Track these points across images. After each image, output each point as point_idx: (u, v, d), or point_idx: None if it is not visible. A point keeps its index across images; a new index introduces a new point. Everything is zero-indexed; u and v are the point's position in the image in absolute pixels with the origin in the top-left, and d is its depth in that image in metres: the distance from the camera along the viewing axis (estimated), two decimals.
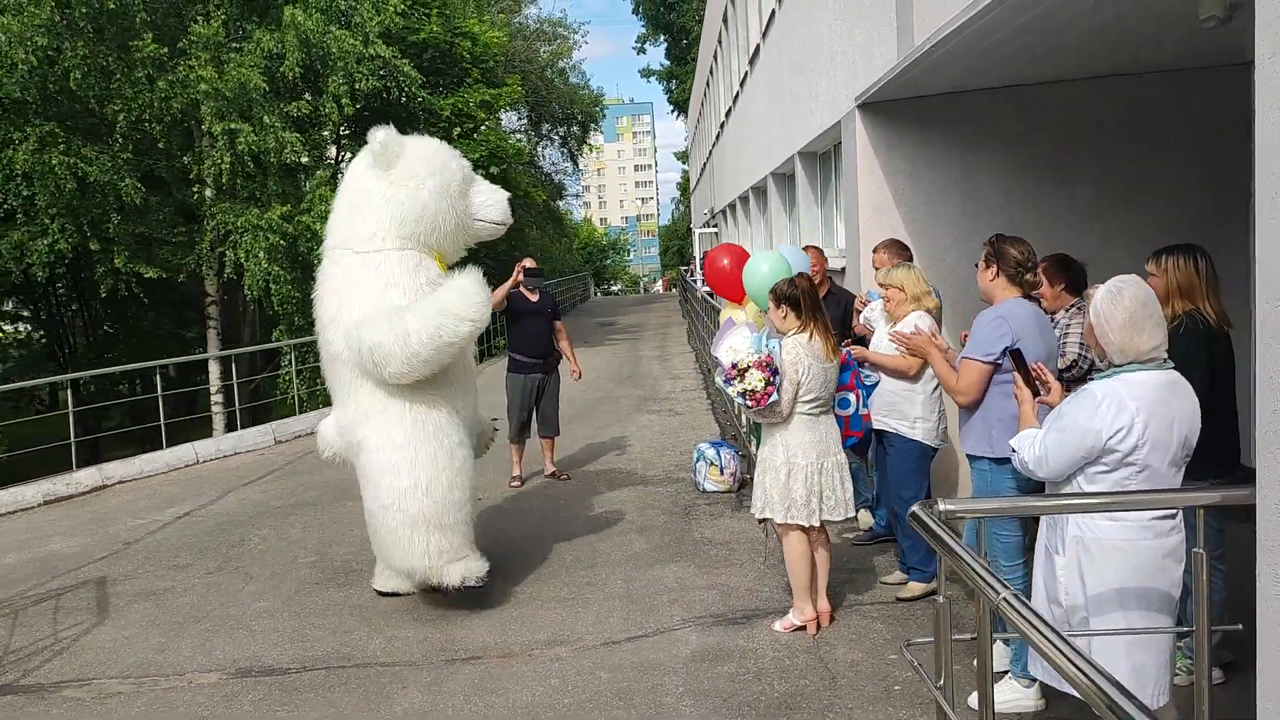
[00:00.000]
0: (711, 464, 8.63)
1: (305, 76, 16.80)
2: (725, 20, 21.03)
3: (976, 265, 4.61)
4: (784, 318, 5.33)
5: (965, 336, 5.93)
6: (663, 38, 58.16)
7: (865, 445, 5.91)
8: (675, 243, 79.54)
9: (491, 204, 6.49)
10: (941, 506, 2.86)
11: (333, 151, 20.35)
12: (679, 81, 57.54)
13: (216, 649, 5.75)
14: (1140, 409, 3.28)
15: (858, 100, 7.69)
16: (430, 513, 5.79)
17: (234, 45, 16.53)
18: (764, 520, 6.14)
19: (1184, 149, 6.99)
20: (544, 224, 35.22)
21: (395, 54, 17.42)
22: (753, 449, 6.02)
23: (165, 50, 15.62)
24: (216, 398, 17.16)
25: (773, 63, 13.61)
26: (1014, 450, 3.65)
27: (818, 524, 5.32)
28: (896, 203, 7.72)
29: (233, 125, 15.69)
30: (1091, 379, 3.49)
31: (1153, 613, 3.35)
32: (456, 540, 5.90)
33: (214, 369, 17.51)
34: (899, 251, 6.39)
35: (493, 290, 6.42)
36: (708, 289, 22.72)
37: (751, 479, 5.99)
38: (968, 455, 4.54)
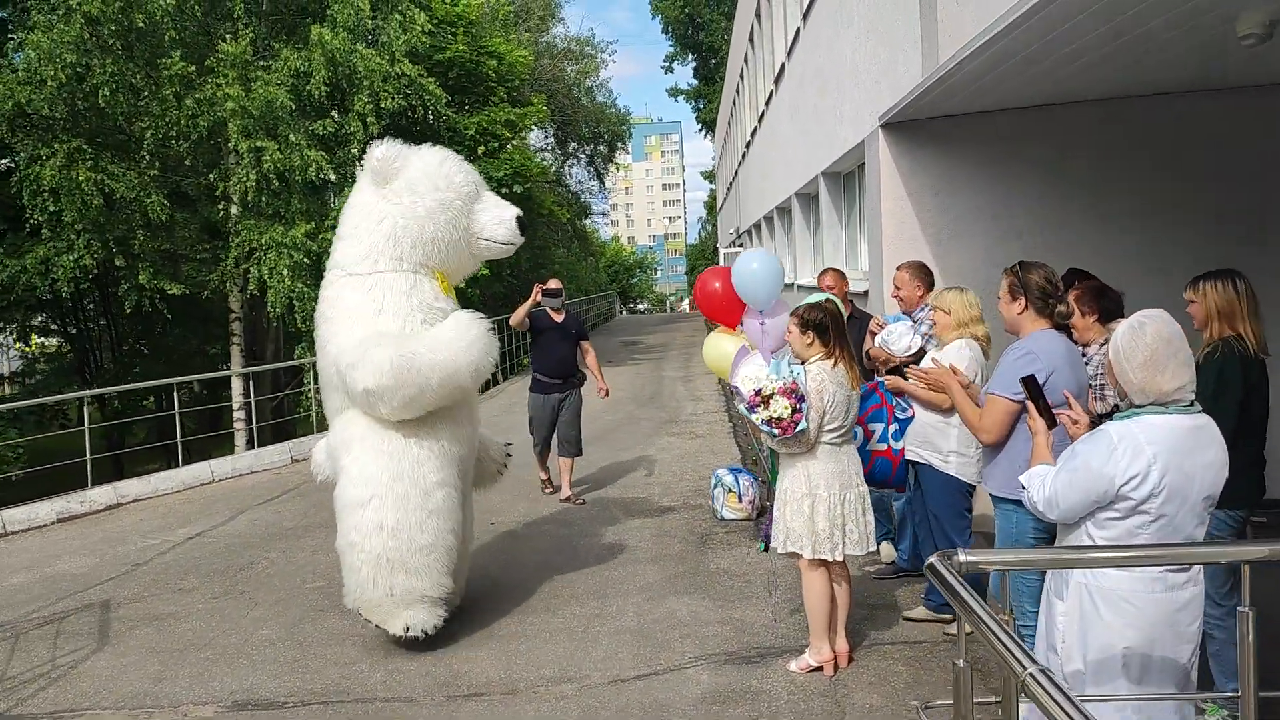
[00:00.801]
0: (730, 491, 8.42)
1: (331, 95, 16.80)
2: (751, 40, 20.90)
3: (999, 296, 4.38)
4: (809, 344, 5.12)
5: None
6: (691, 57, 58.20)
7: (900, 481, 5.63)
8: (702, 262, 79.32)
9: (497, 222, 6.08)
10: (961, 558, 2.64)
11: (358, 169, 20.36)
12: (707, 101, 57.54)
13: (214, 679, 5.59)
14: (1158, 455, 3.03)
15: (881, 119, 7.49)
16: (395, 555, 5.57)
17: (261, 64, 16.56)
18: (766, 549, 5.97)
19: (1221, 172, 6.73)
20: (569, 242, 35.25)
21: (421, 72, 17.39)
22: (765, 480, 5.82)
23: (193, 68, 15.69)
24: (239, 414, 17.12)
25: (797, 82, 13.44)
26: (1023, 488, 3.41)
27: (840, 558, 5.10)
28: (921, 224, 7.51)
29: (259, 143, 15.69)
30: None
31: (1160, 674, 3.08)
32: (421, 584, 5.63)
33: (236, 385, 17.48)
34: (920, 273, 6.18)
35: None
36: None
37: (770, 507, 5.78)
38: (991, 495, 4.30)
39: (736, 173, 29.22)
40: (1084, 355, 4.70)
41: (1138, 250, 6.80)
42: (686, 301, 75.67)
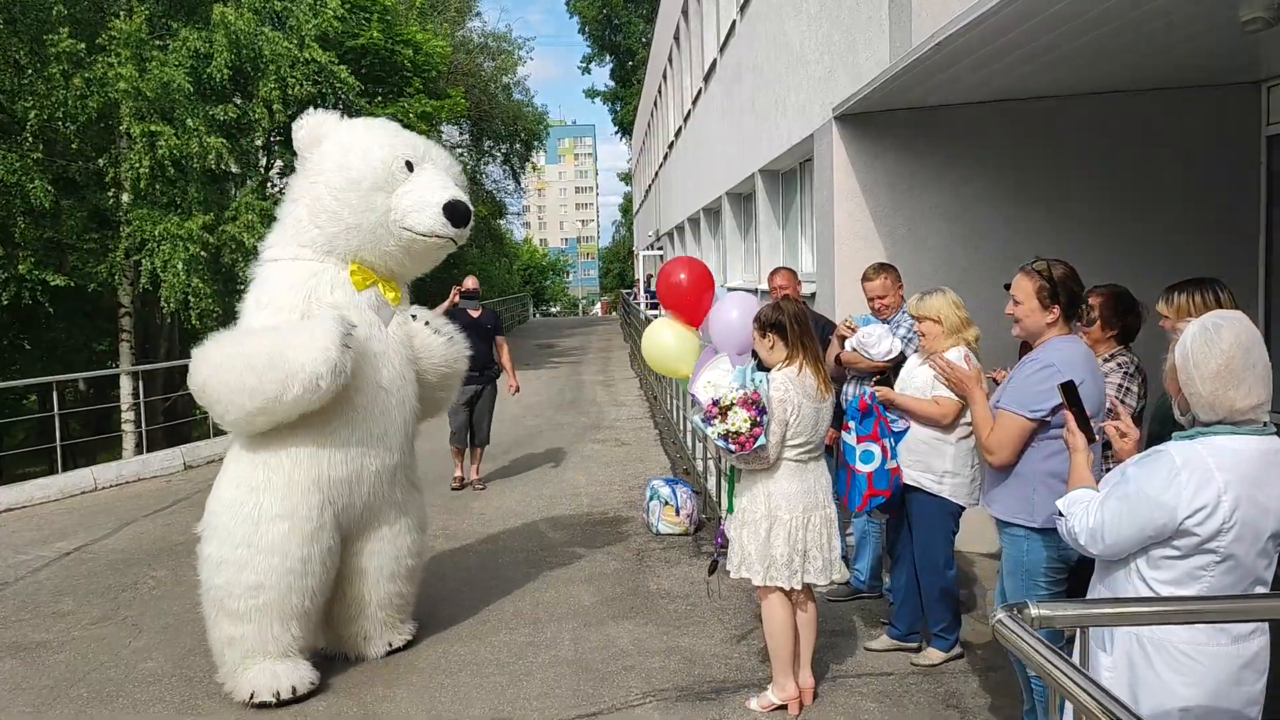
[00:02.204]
0: (666, 503, 7.87)
1: (234, 79, 15.81)
2: (677, 38, 20.49)
3: (1014, 300, 3.82)
4: (771, 348, 4.61)
5: (1001, 375, 5.22)
6: (609, 59, 57.94)
7: (895, 504, 5.05)
8: (616, 265, 79.01)
9: (418, 208, 5.03)
10: (1034, 611, 2.14)
11: (262, 160, 19.30)
12: (624, 103, 57.30)
13: None
14: (1229, 484, 2.57)
15: (836, 111, 7.06)
16: (218, 595, 4.92)
17: (158, 43, 15.45)
18: (714, 572, 5.44)
19: (1194, 173, 6.44)
20: (484, 242, 34.37)
21: (332, 59, 16.45)
22: (720, 498, 5.27)
23: (83, 46, 14.51)
24: (128, 415, 15.98)
25: (731, 77, 13.01)
26: (1060, 515, 2.92)
27: (799, 586, 4.60)
28: (875, 223, 7.09)
29: (153, 127, 14.60)
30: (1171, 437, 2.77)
31: None
32: (247, 632, 4.87)
33: (125, 384, 16.29)
34: (897, 276, 5.73)
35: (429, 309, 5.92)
36: (655, 309, 21.99)
37: (709, 520, 5.24)
38: (998, 520, 3.83)
39: (657, 175, 28.81)
40: None
41: (1105, 255, 6.45)
42: (599, 305, 75.05)
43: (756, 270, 11.65)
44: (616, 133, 62.61)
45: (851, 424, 4.98)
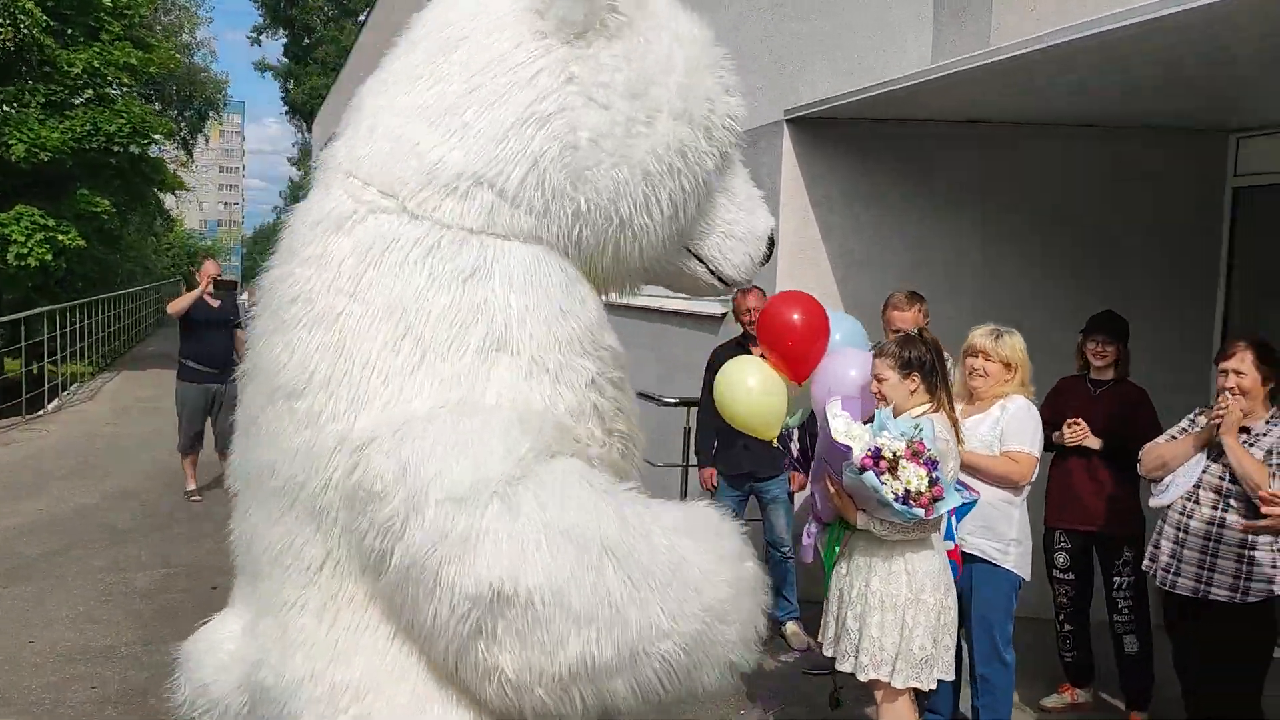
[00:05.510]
0: None
1: None
2: None
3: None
4: (913, 391, 3.76)
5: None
6: (283, 33, 53.94)
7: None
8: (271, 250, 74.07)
9: (740, 237, 3.04)
10: None
11: None
12: (297, 81, 53.55)
13: None
14: None
15: (789, 114, 6.34)
16: None
17: None
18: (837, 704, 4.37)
19: (1160, 215, 6.33)
20: (150, 220, 30.37)
21: None
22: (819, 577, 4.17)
23: None
24: None
25: None
26: None
27: (933, 685, 3.79)
28: (825, 238, 6.45)
29: None
30: None
31: None
32: None
33: None
34: (925, 307, 5.04)
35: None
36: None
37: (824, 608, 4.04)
38: None
39: None
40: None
41: (1071, 291, 6.20)
42: (246, 293, 69.42)
43: None
44: (286, 112, 58.46)
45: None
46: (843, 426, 3.63)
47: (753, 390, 3.98)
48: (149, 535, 7.56)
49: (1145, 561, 4.22)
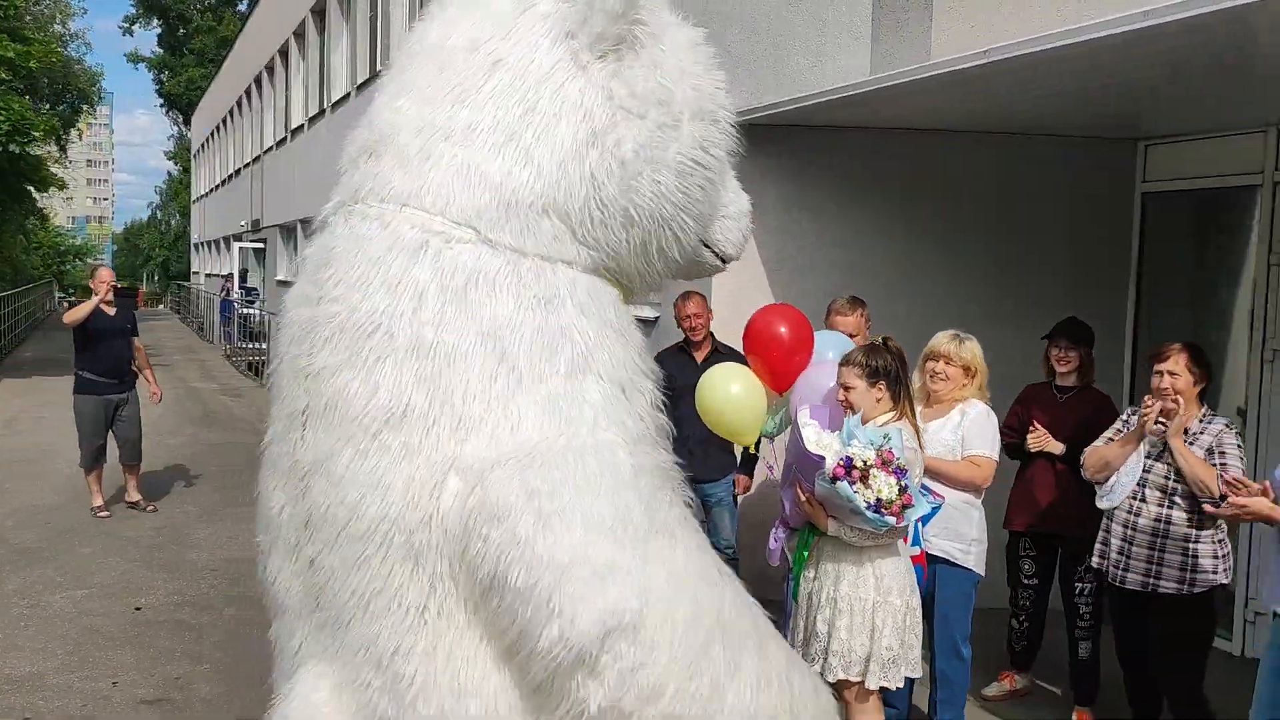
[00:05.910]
0: None
1: None
2: (322, 12, 18.47)
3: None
4: (879, 400, 3.85)
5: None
6: (156, 23, 52.02)
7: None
8: (159, 252, 71.90)
9: (735, 216, 3.22)
10: None
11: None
12: (173, 73, 51.73)
13: None
14: None
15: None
16: None
17: None
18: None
19: (1076, 220, 6.59)
20: (22, 218, 28.94)
21: None
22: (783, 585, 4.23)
23: None
24: None
25: None
26: None
27: (901, 684, 3.90)
28: (759, 246, 6.52)
29: None
30: None
31: None
32: None
33: None
34: (866, 311, 5.16)
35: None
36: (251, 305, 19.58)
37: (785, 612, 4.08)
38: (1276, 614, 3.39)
39: (259, 159, 25.80)
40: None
41: (993, 293, 6.42)
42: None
43: None
44: (162, 105, 56.41)
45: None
46: (813, 435, 3.70)
47: (736, 396, 4.06)
48: (60, 555, 7.20)
49: (1095, 559, 4.40)
